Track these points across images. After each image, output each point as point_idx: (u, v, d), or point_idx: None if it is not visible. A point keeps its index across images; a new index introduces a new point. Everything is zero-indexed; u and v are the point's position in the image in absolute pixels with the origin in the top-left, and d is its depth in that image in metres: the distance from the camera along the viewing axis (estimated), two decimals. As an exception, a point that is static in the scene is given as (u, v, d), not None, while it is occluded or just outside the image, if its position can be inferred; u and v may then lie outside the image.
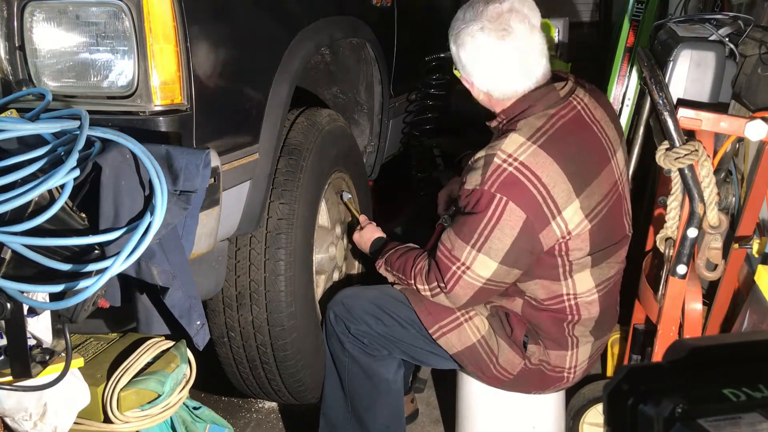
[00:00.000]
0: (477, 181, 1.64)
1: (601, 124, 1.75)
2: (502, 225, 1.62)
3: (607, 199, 1.72)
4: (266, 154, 1.79)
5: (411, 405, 2.36)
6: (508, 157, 1.62)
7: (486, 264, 1.67)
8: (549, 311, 1.78)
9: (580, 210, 1.66)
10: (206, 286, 1.74)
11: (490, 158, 1.64)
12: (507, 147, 1.63)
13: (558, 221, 1.64)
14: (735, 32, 1.95)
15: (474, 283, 1.69)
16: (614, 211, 1.75)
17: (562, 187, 1.63)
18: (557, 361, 1.82)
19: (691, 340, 0.63)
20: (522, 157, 1.62)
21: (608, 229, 1.73)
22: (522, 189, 1.61)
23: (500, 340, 1.81)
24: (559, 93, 1.70)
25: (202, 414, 1.88)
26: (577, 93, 1.74)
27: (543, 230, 1.64)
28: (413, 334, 1.86)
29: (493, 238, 1.64)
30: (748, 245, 1.84)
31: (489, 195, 1.62)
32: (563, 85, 1.72)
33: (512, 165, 1.61)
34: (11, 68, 1.49)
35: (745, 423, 0.56)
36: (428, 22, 3.20)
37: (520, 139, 1.64)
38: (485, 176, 1.63)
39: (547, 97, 1.69)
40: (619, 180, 1.76)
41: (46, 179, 1.16)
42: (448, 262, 1.70)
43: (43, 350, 1.32)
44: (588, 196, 1.67)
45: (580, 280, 1.74)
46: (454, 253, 1.69)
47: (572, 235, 1.67)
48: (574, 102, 1.72)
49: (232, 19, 1.66)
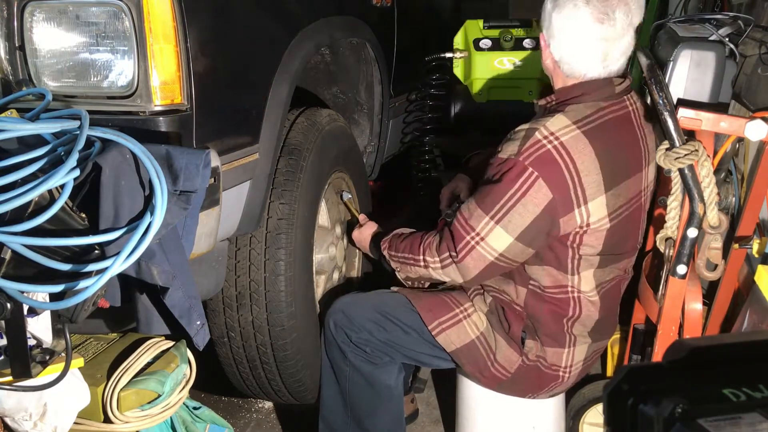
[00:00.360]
0: (513, 151, 1.63)
1: (645, 131, 1.76)
2: (526, 201, 1.61)
3: (630, 204, 1.72)
4: (266, 154, 1.79)
5: (411, 405, 2.35)
6: (550, 134, 1.62)
7: (501, 237, 1.65)
8: (551, 303, 1.77)
9: (605, 206, 1.66)
10: (206, 286, 1.74)
11: (531, 132, 1.63)
12: (551, 125, 1.63)
13: (582, 210, 1.64)
14: (735, 32, 1.95)
15: (486, 255, 1.68)
16: (633, 219, 1.75)
17: (594, 178, 1.63)
18: (554, 359, 1.82)
19: (691, 340, 0.63)
20: (563, 138, 1.61)
21: (623, 234, 1.73)
22: (555, 168, 1.60)
23: (498, 337, 1.81)
24: (615, 88, 1.70)
25: (202, 414, 1.88)
26: (633, 94, 1.75)
27: (565, 215, 1.64)
28: (415, 338, 1.85)
29: (514, 212, 1.62)
30: (748, 245, 1.84)
31: (521, 166, 1.61)
32: (621, 81, 1.72)
33: (552, 143, 1.61)
34: (11, 68, 1.49)
35: (745, 423, 0.56)
36: (428, 22, 3.20)
37: (566, 120, 1.64)
38: (522, 147, 1.62)
39: (603, 89, 1.69)
40: (644, 191, 1.77)
41: (46, 179, 1.16)
42: (462, 231, 1.68)
43: (43, 350, 1.32)
44: (615, 195, 1.67)
45: (585, 278, 1.75)
46: (470, 222, 1.67)
47: (590, 228, 1.66)
48: (627, 102, 1.72)
49: (232, 19, 1.66)
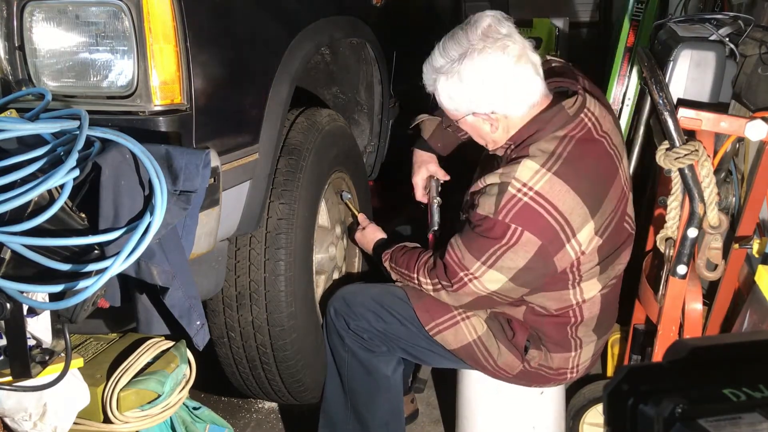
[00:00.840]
0: (491, 210, 1.60)
1: (610, 134, 1.70)
2: (516, 249, 1.60)
3: (615, 210, 1.70)
4: (266, 154, 1.79)
5: (411, 405, 2.36)
6: (523, 186, 1.58)
7: (495, 279, 1.65)
8: (552, 317, 1.78)
9: (593, 229, 1.64)
10: (206, 286, 1.74)
11: (504, 187, 1.59)
12: (521, 175, 1.58)
13: (573, 243, 1.62)
14: (735, 32, 1.95)
15: (479, 292, 1.69)
16: (620, 219, 1.74)
17: (579, 212, 1.60)
18: (560, 363, 1.82)
19: (691, 340, 0.63)
20: (537, 186, 1.58)
21: (614, 238, 1.73)
22: (538, 219, 1.58)
23: (500, 344, 1.81)
24: (568, 112, 1.64)
25: (202, 414, 1.88)
26: (588, 106, 1.68)
27: (558, 253, 1.62)
28: (413, 332, 1.86)
29: (505, 259, 1.62)
30: (748, 245, 1.84)
31: (504, 225, 1.59)
32: (573, 102, 1.66)
33: (527, 195, 1.58)
34: (11, 68, 1.49)
35: (745, 423, 0.56)
36: (429, 22, 3.20)
37: (535, 166, 1.59)
38: (500, 205, 1.59)
39: (557, 117, 1.63)
40: (625, 186, 1.75)
41: (46, 179, 1.16)
42: (456, 268, 1.68)
43: (42, 350, 1.32)
44: (601, 214, 1.65)
45: (588, 286, 1.74)
46: (464, 263, 1.67)
47: (585, 253, 1.66)
48: (585, 119, 1.66)
49: (232, 19, 1.66)
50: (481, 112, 1.65)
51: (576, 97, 1.67)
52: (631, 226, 1.81)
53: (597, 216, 1.64)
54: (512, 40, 1.60)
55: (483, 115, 1.66)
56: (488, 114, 1.65)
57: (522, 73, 1.61)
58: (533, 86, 1.63)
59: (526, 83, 1.62)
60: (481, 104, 1.64)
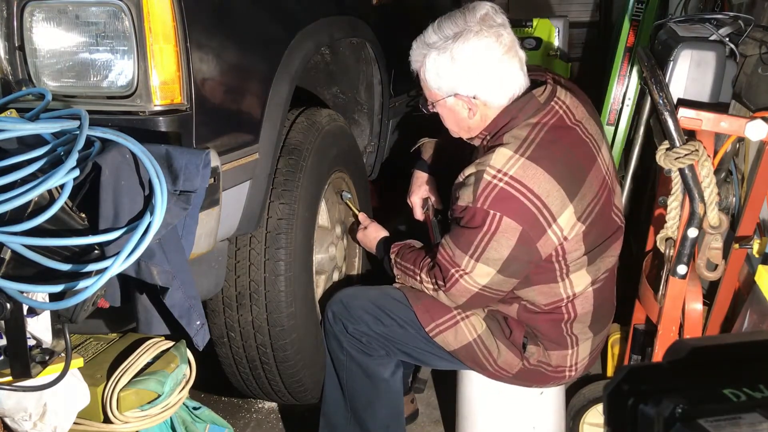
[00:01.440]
0: (469, 199, 1.64)
1: (584, 123, 1.74)
2: (498, 237, 1.63)
3: (598, 196, 1.72)
4: (266, 154, 1.79)
5: (411, 405, 2.36)
6: (498, 172, 1.62)
7: (484, 272, 1.68)
8: (545, 314, 1.78)
9: (574, 214, 1.66)
10: (206, 286, 1.74)
11: (480, 174, 1.63)
12: (495, 162, 1.63)
13: (554, 228, 1.64)
14: (735, 32, 1.95)
15: (471, 288, 1.71)
16: (605, 208, 1.75)
17: (556, 195, 1.63)
18: (558, 361, 1.82)
19: (692, 340, 0.63)
20: (512, 171, 1.61)
21: (600, 227, 1.74)
22: (515, 203, 1.61)
23: (499, 343, 1.82)
24: (539, 99, 1.69)
25: (202, 414, 1.88)
26: (558, 95, 1.73)
27: (540, 239, 1.64)
28: (412, 334, 1.86)
29: (490, 249, 1.64)
30: (748, 245, 1.84)
31: (483, 212, 1.62)
32: (542, 90, 1.71)
33: (502, 180, 1.61)
34: (11, 68, 1.49)
35: (746, 423, 0.56)
36: (429, 22, 3.19)
37: (508, 152, 1.63)
38: (477, 193, 1.62)
39: (528, 105, 1.68)
40: (607, 174, 1.76)
41: (46, 179, 1.16)
42: (448, 266, 1.72)
43: (42, 350, 1.32)
44: (580, 199, 1.67)
45: (577, 278, 1.75)
46: (455, 260, 1.70)
47: (568, 239, 1.67)
48: (555, 107, 1.71)
49: (232, 19, 1.66)
50: (464, 94, 1.71)
51: (545, 86, 1.73)
52: (620, 218, 1.82)
53: (576, 200, 1.66)
54: (506, 31, 1.68)
55: (465, 98, 1.71)
56: (470, 98, 1.70)
57: (510, 63, 1.68)
58: (518, 79, 1.70)
59: (513, 75, 1.69)
60: (466, 86, 1.70)
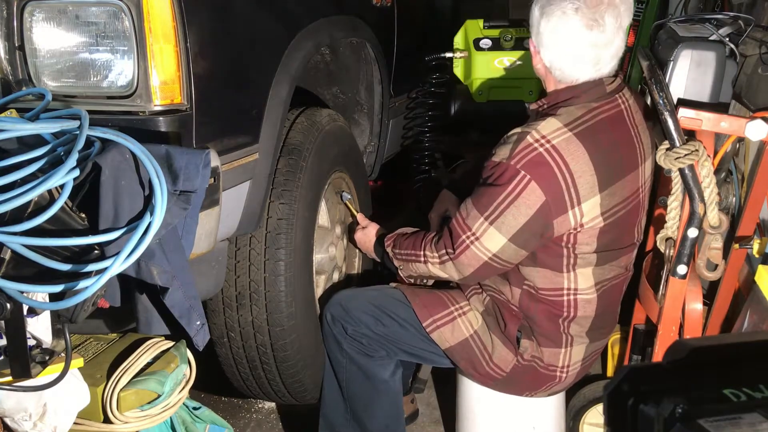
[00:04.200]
0: (505, 155, 1.64)
1: (639, 128, 1.75)
2: (519, 203, 1.62)
3: (627, 202, 1.72)
4: (266, 154, 1.79)
5: (411, 405, 2.36)
6: (542, 138, 1.62)
7: (495, 238, 1.67)
8: (545, 303, 1.77)
9: (599, 206, 1.66)
10: (206, 286, 1.74)
11: (523, 135, 1.64)
12: (543, 128, 1.63)
13: (575, 211, 1.64)
14: (735, 32, 1.95)
15: (480, 255, 1.69)
16: (630, 217, 1.75)
17: (588, 179, 1.63)
18: (550, 359, 1.81)
19: (692, 341, 0.63)
20: (555, 141, 1.62)
21: (618, 232, 1.73)
22: (547, 170, 1.61)
23: (494, 337, 1.82)
24: (606, 88, 1.70)
25: (202, 414, 1.88)
26: (624, 92, 1.74)
27: (559, 216, 1.64)
28: (412, 333, 1.86)
29: (508, 214, 1.64)
30: (748, 245, 1.84)
31: (513, 170, 1.62)
32: (612, 80, 1.72)
33: (543, 146, 1.61)
34: (11, 68, 1.49)
35: (746, 423, 0.56)
36: (429, 21, 3.20)
37: (558, 123, 1.64)
38: (514, 151, 1.62)
39: (594, 90, 1.69)
40: (642, 188, 1.77)
41: (46, 179, 1.16)
42: (459, 230, 1.71)
43: (42, 350, 1.32)
44: (610, 194, 1.67)
45: (582, 275, 1.74)
46: (467, 222, 1.69)
47: (584, 228, 1.67)
48: (619, 100, 1.72)
49: (232, 19, 1.66)
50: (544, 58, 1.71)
51: (615, 78, 1.73)
52: (638, 235, 1.82)
53: (605, 194, 1.66)
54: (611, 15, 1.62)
55: (542, 60, 1.72)
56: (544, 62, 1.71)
57: (592, 50, 1.64)
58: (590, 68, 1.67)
59: (588, 62, 1.66)
60: (546, 53, 1.70)
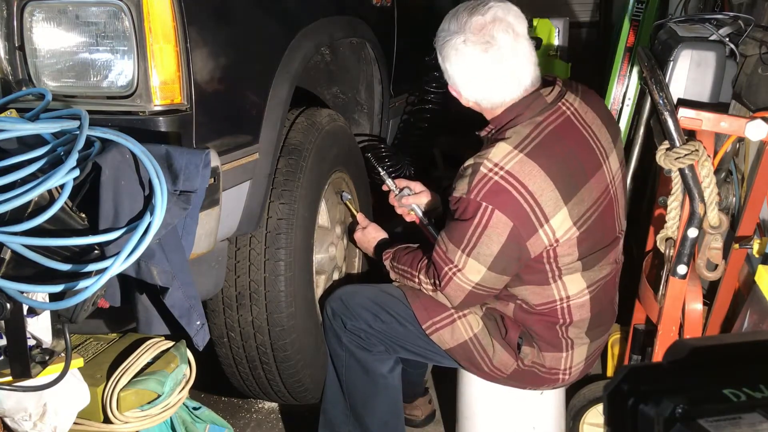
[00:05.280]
0: (464, 190, 1.65)
1: (592, 128, 1.74)
2: (489, 233, 1.63)
3: (598, 203, 1.71)
4: (266, 154, 1.79)
5: (429, 406, 2.38)
6: (495, 166, 1.62)
7: (476, 269, 1.68)
8: (540, 315, 1.78)
9: (569, 217, 1.66)
10: (206, 286, 1.74)
11: (477, 167, 1.64)
12: (494, 156, 1.63)
13: (545, 229, 1.64)
14: (735, 32, 1.95)
15: (464, 285, 1.71)
16: (605, 216, 1.74)
17: (550, 195, 1.62)
18: (552, 363, 1.82)
19: (692, 340, 0.63)
20: (508, 166, 1.62)
21: (598, 234, 1.73)
22: (507, 197, 1.61)
23: (495, 342, 1.82)
24: (546, 99, 1.69)
25: (202, 414, 1.88)
26: (567, 97, 1.73)
27: (530, 238, 1.64)
28: (411, 331, 1.87)
29: (481, 245, 1.65)
30: (748, 245, 1.84)
31: (475, 203, 1.63)
32: (550, 90, 1.71)
33: (498, 174, 1.62)
34: (11, 68, 1.49)
35: (746, 423, 0.56)
36: (429, 21, 3.19)
37: (508, 147, 1.64)
38: (471, 184, 1.63)
39: (535, 104, 1.68)
40: (611, 183, 1.76)
41: (46, 179, 1.16)
42: (442, 263, 1.72)
43: (42, 350, 1.32)
44: (577, 203, 1.66)
45: (571, 282, 1.74)
46: (448, 255, 1.71)
47: (560, 242, 1.67)
48: (563, 107, 1.71)
49: (232, 19, 1.66)
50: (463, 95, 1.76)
51: (553, 86, 1.73)
52: (619, 227, 1.82)
53: (572, 204, 1.65)
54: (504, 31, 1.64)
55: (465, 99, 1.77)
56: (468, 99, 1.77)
57: (504, 68, 1.67)
58: (512, 84, 1.69)
59: (507, 79, 1.68)
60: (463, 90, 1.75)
